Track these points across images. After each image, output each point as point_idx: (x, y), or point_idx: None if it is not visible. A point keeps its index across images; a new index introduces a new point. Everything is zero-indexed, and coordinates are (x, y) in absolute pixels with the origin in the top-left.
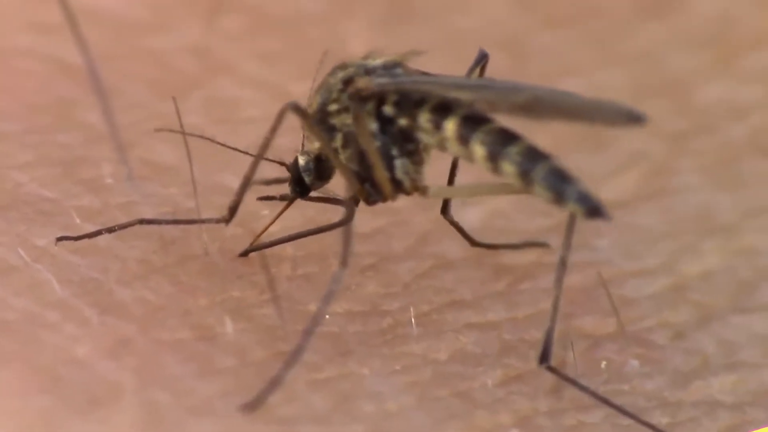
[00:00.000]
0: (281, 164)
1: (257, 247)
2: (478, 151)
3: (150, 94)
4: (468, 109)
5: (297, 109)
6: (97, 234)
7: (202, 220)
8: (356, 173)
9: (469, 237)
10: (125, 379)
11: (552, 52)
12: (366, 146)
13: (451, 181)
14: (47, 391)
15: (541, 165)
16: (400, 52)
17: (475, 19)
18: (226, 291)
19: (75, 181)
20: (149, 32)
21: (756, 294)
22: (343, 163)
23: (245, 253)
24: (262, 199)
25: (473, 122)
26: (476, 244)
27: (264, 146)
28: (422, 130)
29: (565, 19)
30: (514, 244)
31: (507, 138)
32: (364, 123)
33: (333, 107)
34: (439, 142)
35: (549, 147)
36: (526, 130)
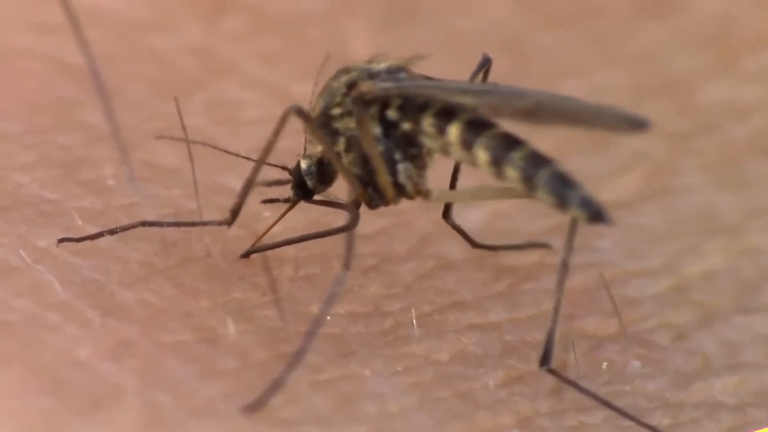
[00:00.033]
0: (283, 168)
1: (259, 249)
2: (481, 156)
3: (151, 95)
4: (471, 114)
5: (300, 113)
6: (99, 236)
7: (204, 223)
8: (359, 177)
9: (471, 239)
10: (127, 381)
11: (552, 52)
12: (369, 150)
13: (453, 185)
14: (48, 392)
15: (544, 170)
16: (404, 57)
17: (475, 20)
18: (228, 293)
19: (76, 183)
20: (150, 32)
21: (759, 294)
22: (345, 167)
23: (247, 255)
24: (266, 202)
25: (477, 127)
26: (478, 246)
27: (266, 150)
28: (425, 135)
29: (565, 20)
30: (515, 246)
31: (510, 143)
32: (368, 127)
33: (336, 111)
34: (442, 147)
35: (551, 147)
36: (526, 131)
